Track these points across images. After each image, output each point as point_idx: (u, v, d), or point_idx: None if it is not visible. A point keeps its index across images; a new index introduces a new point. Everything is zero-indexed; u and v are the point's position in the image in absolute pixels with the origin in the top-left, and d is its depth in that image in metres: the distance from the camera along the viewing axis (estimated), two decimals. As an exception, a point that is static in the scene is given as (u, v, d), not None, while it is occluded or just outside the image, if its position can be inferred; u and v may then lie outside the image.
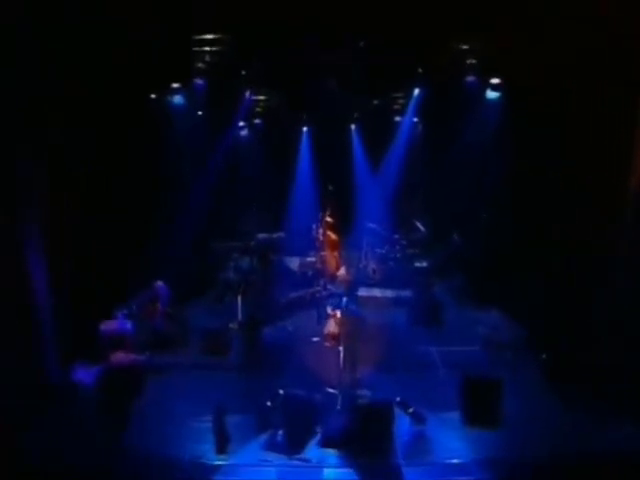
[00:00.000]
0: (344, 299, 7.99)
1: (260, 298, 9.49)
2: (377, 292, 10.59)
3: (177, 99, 9.75)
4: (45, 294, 7.94)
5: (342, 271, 11.61)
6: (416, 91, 10.78)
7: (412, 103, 11.26)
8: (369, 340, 8.40)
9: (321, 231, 11.64)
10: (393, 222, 11.96)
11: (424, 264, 11.45)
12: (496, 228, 10.64)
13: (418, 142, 12.59)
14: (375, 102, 12.37)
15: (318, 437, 6.71)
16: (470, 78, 9.87)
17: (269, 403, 6.90)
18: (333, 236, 11.78)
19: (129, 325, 8.74)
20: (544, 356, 8.01)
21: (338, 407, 7.19)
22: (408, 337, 9.29)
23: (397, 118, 12.58)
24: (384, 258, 11.71)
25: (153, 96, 9.64)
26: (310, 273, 11.39)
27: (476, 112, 10.54)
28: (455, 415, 7.03)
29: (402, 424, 6.85)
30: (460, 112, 10.65)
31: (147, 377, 7.95)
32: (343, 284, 10.60)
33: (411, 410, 6.95)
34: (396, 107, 12.52)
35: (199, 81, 9.49)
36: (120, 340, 8.55)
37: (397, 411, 6.79)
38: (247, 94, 10.58)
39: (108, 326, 8.70)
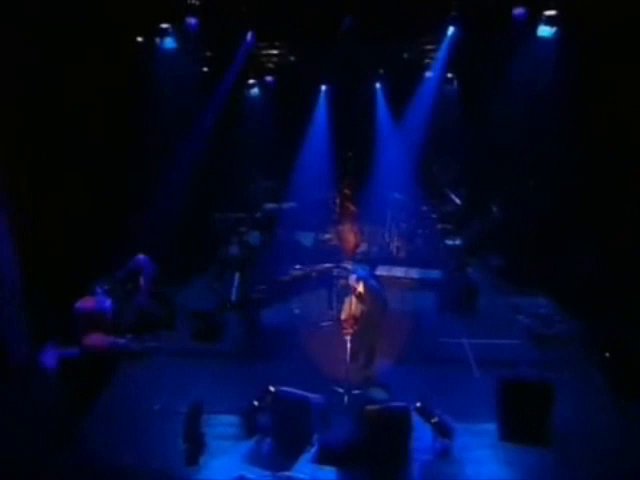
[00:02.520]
0: (363, 272, 6.58)
1: (258, 275, 8.13)
2: (399, 271, 9.10)
3: (167, 42, 8.39)
4: (10, 266, 6.91)
5: (362, 248, 10.34)
6: (450, 30, 9.01)
7: (445, 45, 9.49)
8: (388, 328, 7.00)
9: (339, 202, 10.22)
10: (421, 193, 10.38)
11: (457, 241, 9.89)
12: (544, 199, 9.13)
13: (453, 100, 10.85)
14: (404, 55, 10.66)
15: (313, 449, 5.37)
16: (518, 11, 8.00)
17: (256, 403, 5.62)
18: (352, 208, 10.36)
19: (108, 303, 7.66)
20: (607, 354, 6.37)
21: (342, 411, 5.81)
22: (435, 326, 7.93)
23: (429, 74, 10.86)
24: (410, 234, 10.16)
25: (139, 39, 8.29)
26: (325, 250, 9.99)
27: (524, 55, 8.72)
28: (490, 428, 5.75)
29: (422, 437, 5.52)
30: (504, 56, 8.90)
31: (122, 364, 6.88)
32: (362, 262, 9.32)
33: (435, 420, 5.54)
34: (427, 61, 10.80)
35: (191, 20, 8.09)
36: (97, 320, 7.60)
37: (416, 420, 5.53)
38: (249, 37, 9.08)
39: (84, 304, 7.68)
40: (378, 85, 11.29)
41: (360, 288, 6.55)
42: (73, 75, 7.19)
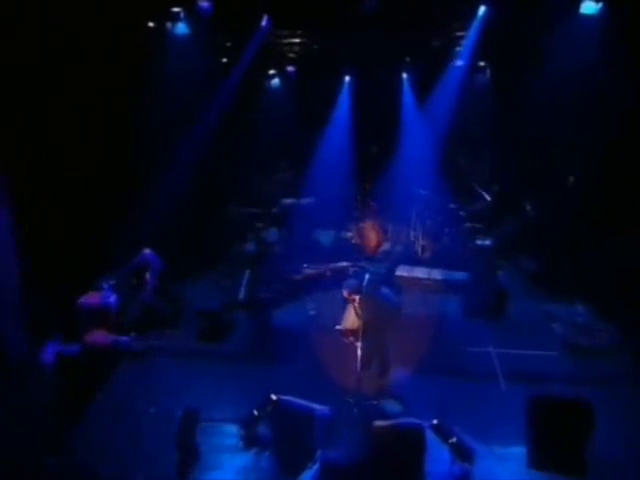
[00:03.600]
0: (366, 276, 5.98)
1: (270, 273, 7.66)
2: (420, 272, 8.44)
3: (179, 28, 8.00)
4: (9, 264, 6.68)
5: (385, 247, 9.75)
6: (481, 10, 8.27)
7: (475, 26, 8.75)
8: (405, 334, 6.41)
9: (360, 199, 9.65)
10: (449, 189, 9.68)
11: (487, 241, 9.17)
12: (584, 197, 8.32)
13: (485, 90, 10.10)
14: (433, 43, 9.99)
15: (315, 466, 4.81)
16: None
17: (256, 412, 5.15)
18: (374, 205, 9.75)
19: (112, 299, 7.33)
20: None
21: (350, 424, 5.26)
22: (459, 332, 7.28)
23: (460, 62, 10.15)
24: (436, 233, 9.49)
25: (150, 24, 7.93)
26: (346, 248, 9.49)
27: (564, 37, 7.90)
28: (517, 452, 5.08)
29: (438, 460, 4.88)
30: (542, 39, 8.12)
31: (122, 363, 6.51)
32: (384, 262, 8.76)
33: (453, 440, 4.92)
34: (458, 49, 10.08)
35: (204, 4, 7.67)
36: (101, 316, 7.23)
37: (432, 439, 4.92)
38: (264, 21, 8.60)
39: (88, 299, 7.38)
40: (405, 75, 10.65)
41: (356, 300, 5.94)
42: (78, 65, 6.90)
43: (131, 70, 7.73)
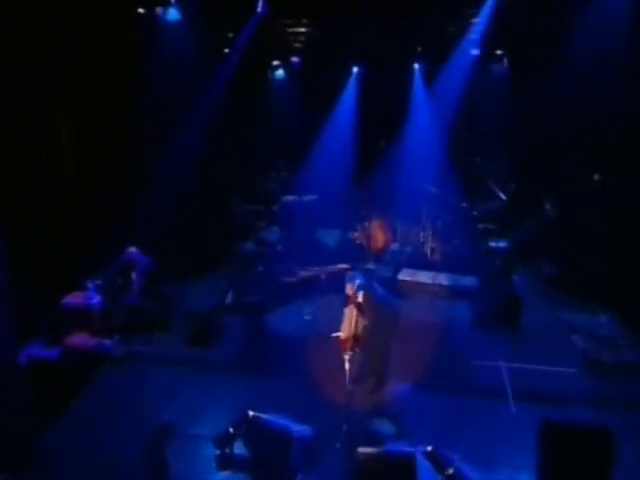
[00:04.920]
0: (361, 279, 5.44)
1: (264, 276, 7.14)
2: (425, 277, 7.79)
3: (171, 14, 7.53)
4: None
5: (394, 248, 9.18)
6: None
7: (487, 9, 8.03)
8: (406, 345, 5.84)
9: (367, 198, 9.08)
10: (461, 186, 8.99)
11: (502, 243, 8.46)
12: (610, 197, 7.64)
13: (503, 81, 9.40)
14: (446, 30, 9.33)
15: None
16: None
17: (231, 430, 4.63)
18: (381, 204, 9.16)
19: (97, 300, 6.99)
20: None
21: (336, 446, 4.71)
22: (466, 344, 6.63)
23: (475, 51, 9.47)
24: (447, 234, 8.84)
25: (140, 11, 7.48)
26: (350, 249, 9.04)
27: (589, 22, 7.18)
28: None
29: (432, 493, 4.24)
30: (564, 25, 7.39)
31: (103, 369, 6.21)
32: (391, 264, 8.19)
33: (450, 471, 4.29)
34: (474, 36, 9.38)
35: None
36: (84, 318, 7.02)
37: (426, 467, 4.27)
38: (259, 6, 8.06)
39: (71, 300, 7.07)
40: (416, 66, 10.01)
41: (360, 298, 5.39)
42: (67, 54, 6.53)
43: (122, 60, 7.33)
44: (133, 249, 7.17)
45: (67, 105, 7.25)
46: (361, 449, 4.18)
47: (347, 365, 5.08)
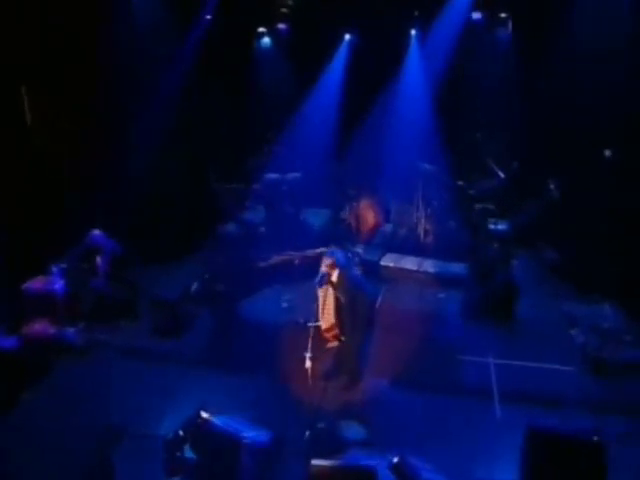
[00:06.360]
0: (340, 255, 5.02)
1: (232, 260, 6.59)
2: (409, 263, 7.16)
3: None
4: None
5: (387, 229, 8.62)
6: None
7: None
8: (386, 335, 5.29)
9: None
10: (458, 163, 8.33)
11: (501, 226, 7.80)
12: (622, 175, 6.90)
13: (506, 47, 8.60)
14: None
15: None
16: None
17: (181, 432, 4.18)
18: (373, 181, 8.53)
19: (59, 285, 6.54)
20: None
21: (298, 452, 4.24)
22: (455, 338, 6.04)
23: (476, 15, 8.65)
24: (443, 215, 8.19)
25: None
26: (338, 231, 8.51)
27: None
28: None
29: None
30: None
31: (61, 360, 5.88)
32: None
33: (418, 488, 3.74)
34: (479, -2, 8.57)
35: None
36: (45, 304, 6.57)
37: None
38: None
39: (32, 285, 6.64)
40: (413, 32, 9.21)
41: (334, 276, 4.85)
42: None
43: (90, 27, 6.74)
44: (97, 231, 6.65)
45: (34, 82, 6.82)
46: (315, 461, 3.66)
47: (308, 363, 4.54)
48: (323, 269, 4.91)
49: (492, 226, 7.92)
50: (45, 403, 5.33)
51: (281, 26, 9.58)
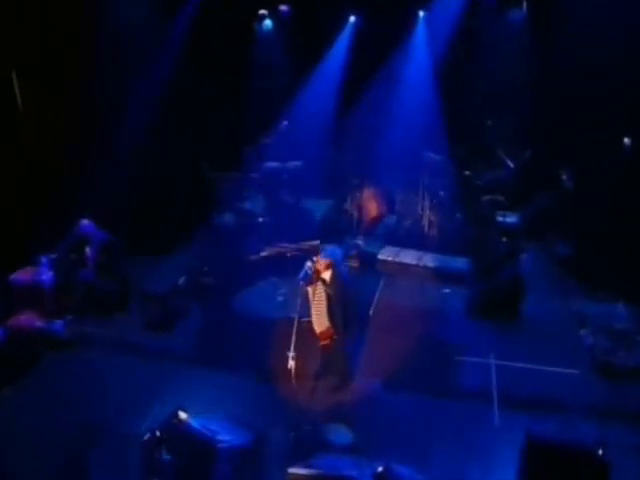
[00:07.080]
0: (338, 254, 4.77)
1: (223, 252, 6.34)
2: (408, 257, 6.80)
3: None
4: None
5: (391, 220, 8.31)
6: None
7: None
8: (381, 334, 5.02)
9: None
10: (465, 152, 7.93)
11: (510, 218, 7.44)
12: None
13: (520, 30, 8.18)
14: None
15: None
16: None
17: (158, 432, 4.00)
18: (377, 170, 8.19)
19: (47, 276, 6.37)
20: None
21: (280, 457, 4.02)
22: (455, 337, 5.72)
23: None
24: (448, 205, 7.84)
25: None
26: (341, 222, 8.22)
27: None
28: None
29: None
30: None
31: (47, 354, 5.70)
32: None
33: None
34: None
35: None
36: (33, 295, 6.39)
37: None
38: None
39: (20, 276, 6.50)
40: (422, 13, 8.79)
41: (327, 274, 4.58)
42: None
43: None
44: (86, 221, 6.44)
45: (25, 70, 6.66)
46: (292, 469, 3.42)
47: (291, 363, 4.29)
48: (308, 264, 4.62)
49: (501, 219, 7.55)
50: (26, 398, 5.16)
51: (283, 8, 9.26)
